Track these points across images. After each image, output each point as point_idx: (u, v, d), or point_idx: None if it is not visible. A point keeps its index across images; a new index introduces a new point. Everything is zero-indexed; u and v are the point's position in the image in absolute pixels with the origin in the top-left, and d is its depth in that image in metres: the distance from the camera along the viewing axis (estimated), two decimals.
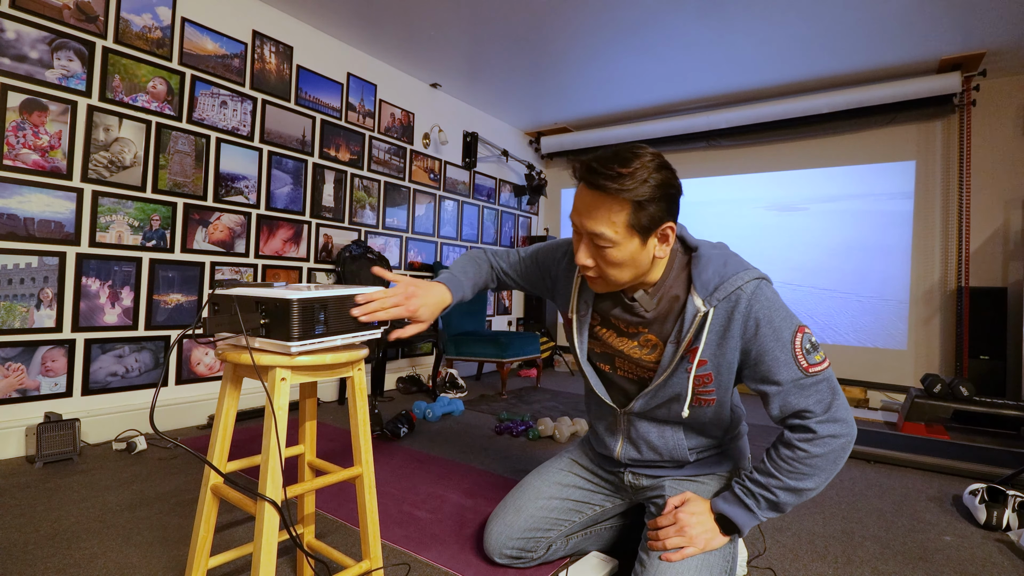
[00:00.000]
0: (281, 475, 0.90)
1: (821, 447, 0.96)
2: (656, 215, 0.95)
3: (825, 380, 0.97)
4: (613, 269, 0.99)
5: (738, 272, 1.00)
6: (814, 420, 0.96)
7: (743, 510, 1.03)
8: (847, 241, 3.87)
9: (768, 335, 0.97)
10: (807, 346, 0.97)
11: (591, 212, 0.96)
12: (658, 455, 1.18)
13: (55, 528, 1.43)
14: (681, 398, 1.06)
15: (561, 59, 3.46)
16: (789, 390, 0.97)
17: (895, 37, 3.04)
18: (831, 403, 0.97)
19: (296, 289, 0.94)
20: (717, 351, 1.01)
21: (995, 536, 1.58)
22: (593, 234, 0.96)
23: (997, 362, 3.21)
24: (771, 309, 0.97)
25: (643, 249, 0.98)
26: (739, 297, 0.98)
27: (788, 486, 0.98)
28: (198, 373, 2.59)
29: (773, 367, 0.97)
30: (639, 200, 0.92)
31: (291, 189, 3.01)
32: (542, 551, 1.28)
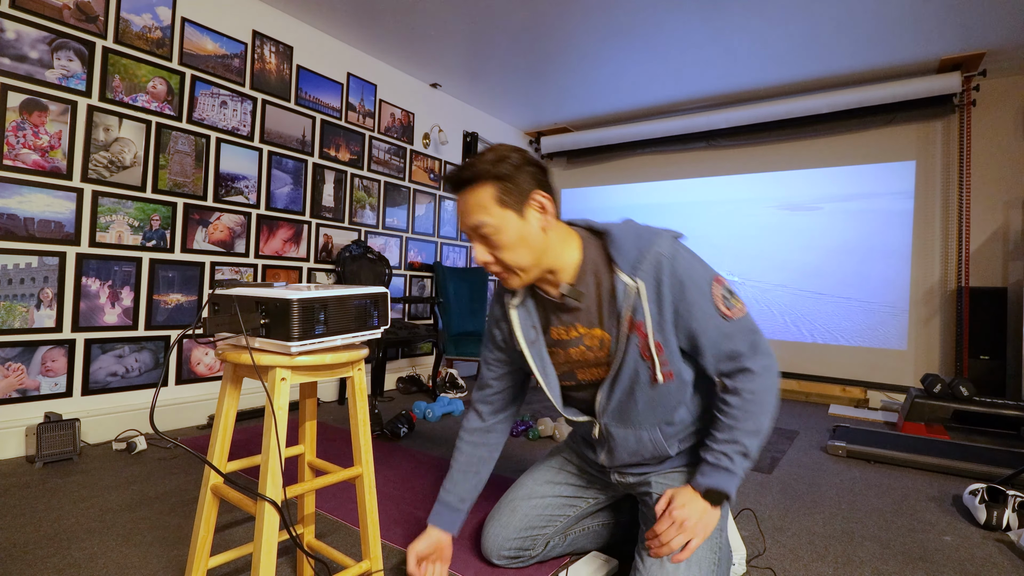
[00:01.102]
0: (281, 475, 0.90)
1: (760, 382, 1.02)
2: (523, 186, 1.00)
3: (745, 323, 1.03)
4: (509, 254, 1.02)
5: (654, 240, 1.02)
6: (747, 360, 1.02)
7: (723, 474, 1.04)
8: (847, 241, 3.87)
9: (692, 291, 1.00)
10: (725, 294, 1.02)
11: (466, 210, 1.02)
12: (639, 457, 1.17)
13: (55, 528, 1.43)
14: (642, 377, 1.06)
15: (561, 59, 3.46)
16: (718, 338, 1.02)
17: (895, 37, 3.04)
18: (755, 341, 1.03)
19: (296, 289, 0.94)
20: (659, 319, 1.02)
21: (995, 536, 1.58)
22: (475, 227, 1.01)
23: (997, 362, 3.21)
24: (691, 267, 1.01)
25: (525, 223, 1.01)
26: (661, 263, 1.00)
27: (748, 429, 1.02)
28: (198, 373, 2.59)
29: (701, 321, 1.01)
30: (499, 175, 0.99)
31: (291, 189, 3.01)
32: (540, 548, 1.28)
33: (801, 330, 4.01)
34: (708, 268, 1.04)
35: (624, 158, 4.95)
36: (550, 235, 1.05)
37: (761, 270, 4.19)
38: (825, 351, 3.91)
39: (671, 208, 4.69)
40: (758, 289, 4.20)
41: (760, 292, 4.19)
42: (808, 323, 3.98)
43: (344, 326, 0.98)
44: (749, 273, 4.25)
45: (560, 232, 1.07)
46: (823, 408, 3.49)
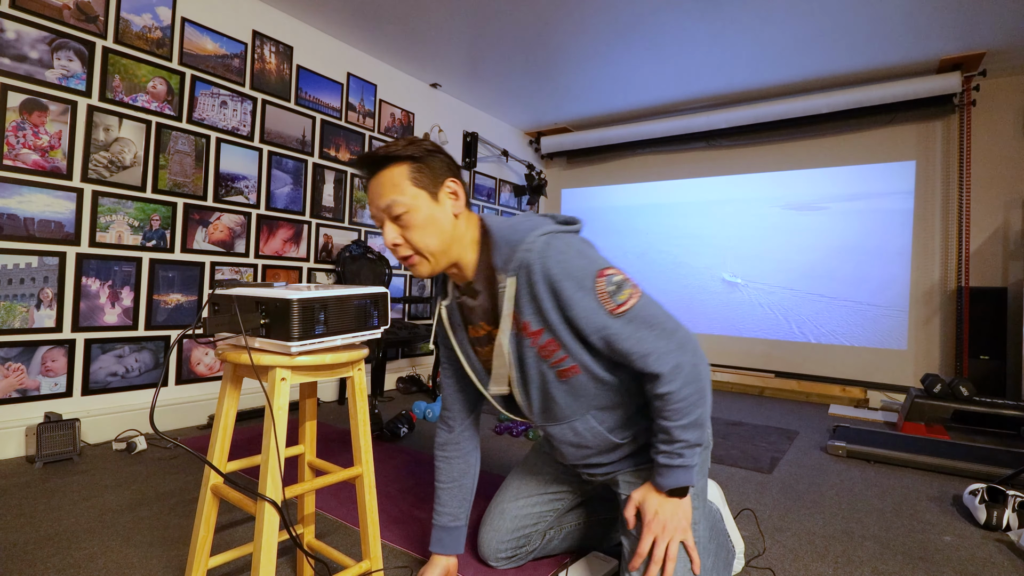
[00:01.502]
0: (281, 475, 0.90)
1: (675, 381, 0.95)
2: (437, 170, 1.01)
3: (636, 317, 0.95)
4: (419, 235, 1.00)
5: (525, 237, 0.98)
6: (651, 362, 0.95)
7: (679, 471, 1.00)
8: (847, 241, 3.87)
9: (570, 287, 0.94)
10: (610, 288, 0.95)
11: (379, 191, 1.00)
12: (585, 449, 1.14)
13: (55, 528, 1.43)
14: (548, 375, 1.03)
15: (561, 59, 3.46)
16: (607, 337, 0.96)
17: (895, 37, 3.04)
18: (652, 338, 0.95)
19: (296, 289, 0.94)
20: (541, 317, 0.99)
21: (995, 536, 1.58)
22: (388, 207, 0.99)
23: (997, 362, 3.21)
24: (565, 261, 0.95)
25: (437, 205, 1.01)
26: (530, 260, 0.96)
27: (685, 425, 0.97)
28: (198, 373, 2.59)
29: (583, 318, 0.95)
30: (412, 156, 0.99)
31: (291, 189, 3.01)
32: (536, 542, 1.29)
33: (801, 330, 4.01)
34: (593, 261, 0.97)
35: (624, 158, 4.95)
36: (460, 224, 1.04)
37: (761, 270, 4.19)
38: (825, 351, 3.91)
39: (671, 208, 4.69)
40: (758, 289, 4.20)
41: (760, 292, 4.19)
42: (808, 323, 3.98)
43: (344, 326, 0.98)
44: (749, 273, 4.25)
45: (469, 225, 1.06)
46: (823, 408, 3.49)
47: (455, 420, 1.26)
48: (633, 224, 4.89)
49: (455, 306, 1.15)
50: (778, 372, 4.07)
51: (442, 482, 1.25)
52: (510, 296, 1.00)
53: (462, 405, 1.25)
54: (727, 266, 4.36)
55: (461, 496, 1.24)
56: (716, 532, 1.18)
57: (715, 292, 4.40)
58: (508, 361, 1.06)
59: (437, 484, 1.25)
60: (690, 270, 4.54)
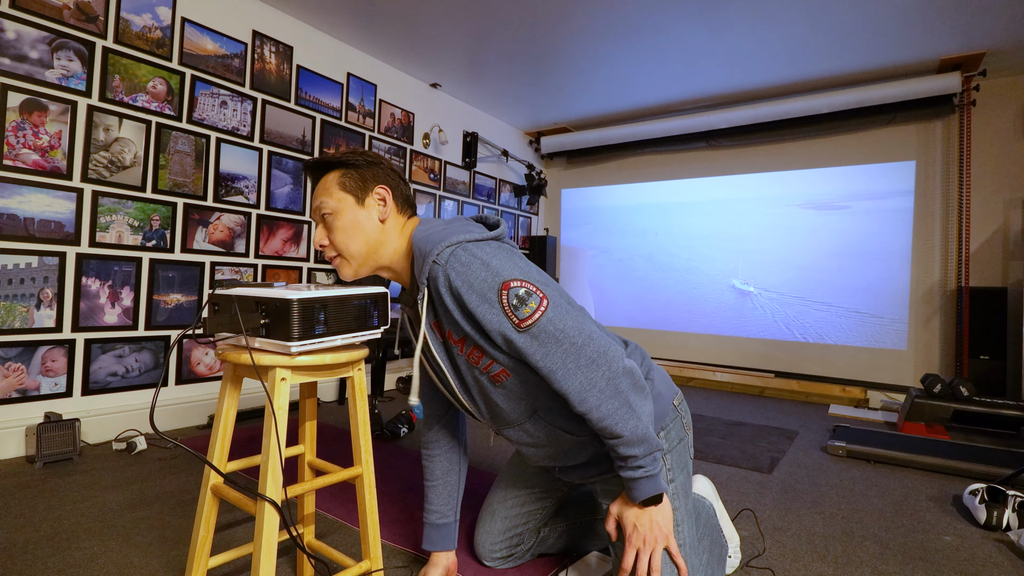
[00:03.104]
0: (281, 475, 0.90)
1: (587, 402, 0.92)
2: (366, 176, 1.05)
3: (542, 332, 0.91)
4: (341, 237, 1.03)
5: (434, 246, 0.97)
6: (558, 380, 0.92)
7: (644, 481, 0.96)
8: (847, 241, 3.87)
9: (474, 300, 0.93)
10: (514, 301, 0.92)
11: (316, 194, 1.06)
12: (548, 447, 1.11)
13: (55, 528, 1.43)
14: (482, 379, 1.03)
15: (561, 59, 3.46)
16: (517, 350, 0.94)
17: (895, 37, 3.04)
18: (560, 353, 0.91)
19: (296, 289, 0.94)
20: (457, 327, 0.99)
21: (995, 536, 1.58)
22: (316, 209, 1.05)
23: (997, 362, 3.21)
24: (467, 273, 0.93)
25: (362, 209, 1.04)
26: (436, 274, 0.96)
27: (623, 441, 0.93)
28: (198, 373, 2.59)
29: (491, 329, 0.94)
30: (344, 163, 1.04)
31: (291, 189, 3.01)
32: (530, 541, 1.30)
33: (801, 330, 4.01)
34: (497, 273, 0.93)
35: (624, 158, 4.95)
36: (388, 229, 1.06)
37: (760, 269, 4.19)
38: (825, 351, 3.91)
39: (671, 208, 4.69)
40: (756, 288, 4.20)
41: (759, 291, 4.19)
42: (808, 323, 3.98)
43: (344, 326, 0.98)
44: (748, 272, 4.25)
45: (401, 233, 1.07)
46: (823, 408, 3.49)
47: (432, 419, 1.27)
48: (633, 224, 4.88)
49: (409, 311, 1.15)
50: (778, 372, 4.07)
51: (428, 480, 1.26)
52: (424, 307, 1.00)
53: (436, 405, 1.26)
54: (726, 265, 4.36)
55: (447, 493, 1.25)
56: (708, 528, 1.18)
57: (714, 291, 4.40)
58: (445, 368, 1.06)
59: (425, 483, 1.27)
60: (690, 269, 4.54)
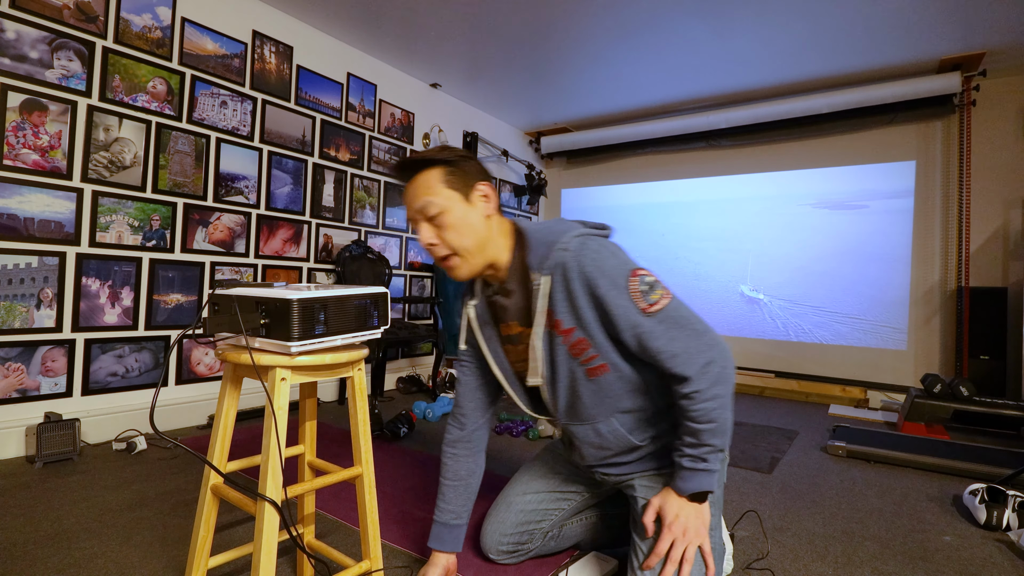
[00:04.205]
0: (281, 475, 0.90)
1: (704, 381, 0.96)
2: (469, 173, 1.06)
3: (667, 317, 0.97)
4: (454, 235, 1.04)
5: (560, 237, 1.02)
6: (680, 363, 0.97)
7: (702, 475, 1.00)
8: (846, 241, 3.87)
9: (605, 285, 0.98)
10: (643, 288, 0.98)
11: (415, 194, 1.05)
12: (606, 450, 1.15)
13: (55, 528, 1.43)
14: (577, 372, 1.06)
15: (561, 59, 3.46)
16: (639, 335, 0.98)
17: (895, 37, 3.04)
18: (683, 338, 0.97)
19: (296, 289, 0.94)
20: (575, 315, 1.02)
21: (995, 536, 1.58)
22: (422, 208, 1.04)
23: (997, 362, 3.21)
24: (599, 260, 0.99)
25: (470, 207, 1.05)
26: (566, 259, 1.00)
27: (710, 429, 0.98)
28: (198, 373, 2.59)
29: (617, 314, 0.98)
30: (445, 160, 1.04)
31: (291, 189, 3.01)
32: (537, 541, 1.29)
33: (801, 330, 4.01)
34: (626, 262, 1.01)
35: (624, 158, 4.95)
36: (492, 226, 1.08)
37: (759, 269, 4.19)
38: (825, 351, 3.91)
39: (671, 208, 4.69)
40: (756, 288, 4.20)
41: (759, 291, 4.19)
42: (807, 323, 3.98)
43: (344, 326, 0.98)
44: (747, 272, 4.25)
45: (501, 227, 1.11)
46: (823, 408, 3.49)
47: (468, 418, 1.26)
48: (633, 223, 4.89)
49: (484, 305, 1.17)
50: (778, 372, 4.07)
51: (448, 479, 1.25)
52: (544, 294, 1.03)
53: (477, 404, 1.26)
54: (726, 264, 4.36)
55: (466, 495, 1.25)
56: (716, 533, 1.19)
57: (713, 291, 4.41)
58: (539, 357, 1.07)
59: (442, 480, 1.25)
60: (689, 269, 4.54)
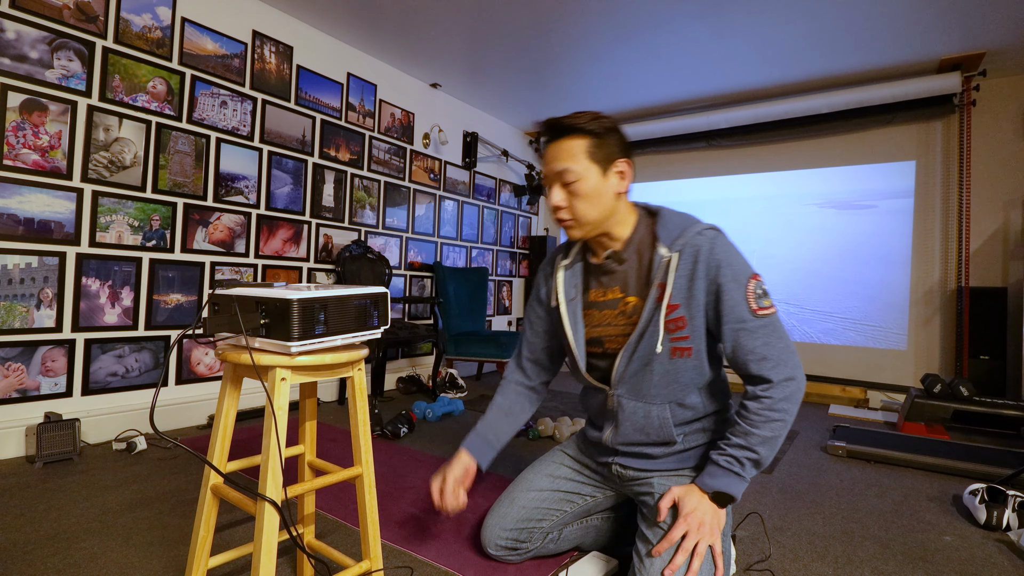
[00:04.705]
0: (281, 475, 0.90)
1: (782, 391, 1.03)
2: (611, 148, 1.10)
3: (771, 324, 1.05)
4: (582, 203, 1.10)
5: (697, 224, 1.11)
6: (767, 365, 1.03)
7: (733, 478, 1.05)
8: (846, 241, 3.87)
9: (727, 275, 1.05)
10: (758, 292, 1.06)
11: (557, 156, 1.10)
12: (645, 435, 1.18)
13: (55, 528, 1.43)
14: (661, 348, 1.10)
15: (561, 59, 3.46)
16: (739, 330, 1.04)
17: (895, 37, 3.04)
18: (779, 348, 1.04)
19: (296, 289, 0.94)
20: (688, 294, 1.07)
21: (995, 536, 1.58)
22: (561, 172, 1.09)
23: (997, 362, 3.21)
24: (730, 254, 1.07)
25: (604, 181, 1.10)
26: (701, 243, 1.07)
27: (764, 437, 1.03)
28: (198, 373, 2.59)
29: (728, 305, 1.04)
30: (593, 132, 1.08)
31: (291, 189, 3.01)
32: (537, 541, 1.29)
33: (801, 330, 4.01)
34: (748, 264, 1.09)
35: None
36: (620, 202, 1.14)
37: (759, 269, 4.19)
38: (825, 351, 3.91)
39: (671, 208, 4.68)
40: None
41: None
42: (807, 323, 3.98)
43: (344, 326, 0.98)
44: None
45: (627, 203, 1.17)
46: (823, 408, 3.49)
47: (532, 370, 1.38)
48: None
49: (579, 269, 1.24)
50: None
51: (497, 405, 1.36)
52: (672, 267, 1.08)
53: (545, 359, 1.37)
54: None
55: (508, 425, 1.35)
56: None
57: None
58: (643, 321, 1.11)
59: (492, 404, 1.37)
60: None
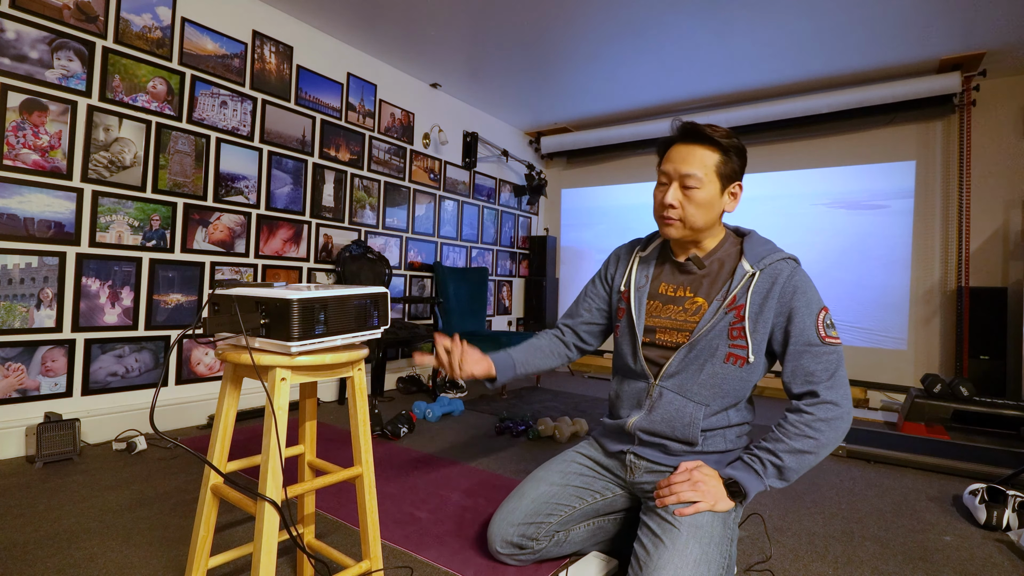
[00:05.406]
0: (281, 475, 0.90)
1: (824, 412, 1.08)
2: (735, 168, 1.18)
3: (835, 353, 1.11)
4: (694, 208, 1.16)
5: (782, 252, 1.20)
6: (821, 385, 1.09)
7: (752, 475, 1.11)
8: (846, 241, 3.87)
9: (801, 300, 1.12)
10: (827, 322, 1.13)
11: (686, 158, 1.16)
12: (670, 429, 1.21)
13: (55, 528, 1.43)
14: (719, 350, 1.16)
15: (561, 59, 3.46)
16: (804, 351, 1.11)
17: (895, 37, 3.04)
18: (835, 373, 1.10)
19: (296, 289, 0.94)
20: (758, 310, 1.15)
21: (995, 536, 1.58)
22: (686, 176, 1.15)
23: (997, 362, 3.21)
24: (807, 284, 1.15)
25: (719, 197, 1.18)
26: (782, 269, 1.15)
27: (793, 448, 1.08)
28: (198, 373, 2.59)
29: (798, 327, 1.11)
30: (726, 148, 1.15)
31: (291, 189, 3.01)
32: (544, 541, 1.27)
33: None
34: (820, 297, 1.16)
35: (624, 158, 4.95)
36: (721, 217, 1.23)
37: None
38: None
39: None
40: None
41: None
42: None
43: (344, 326, 0.98)
44: None
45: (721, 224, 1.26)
46: None
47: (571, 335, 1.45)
48: (632, 223, 4.88)
49: (654, 262, 1.32)
50: (778, 372, 4.07)
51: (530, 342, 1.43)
52: (744, 281, 1.16)
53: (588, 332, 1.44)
54: None
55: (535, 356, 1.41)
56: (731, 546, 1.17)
57: None
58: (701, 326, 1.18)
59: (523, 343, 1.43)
60: None
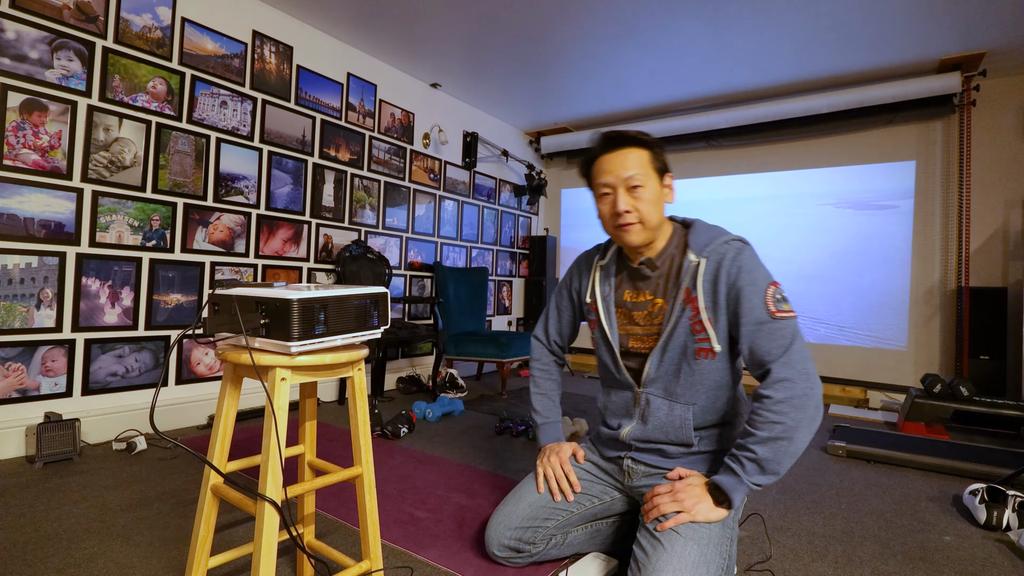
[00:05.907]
0: (281, 475, 0.90)
1: (782, 391, 1.04)
2: (664, 160, 1.24)
3: (789, 327, 1.09)
4: (647, 207, 1.19)
5: (726, 234, 1.20)
6: (776, 363, 1.07)
7: (730, 476, 1.09)
8: (846, 241, 3.87)
9: (747, 279, 1.12)
10: (777, 297, 1.12)
11: (623, 163, 1.20)
12: (664, 434, 1.23)
13: (55, 528, 1.43)
14: (688, 348, 1.18)
15: (561, 59, 3.46)
16: (756, 331, 1.10)
17: (895, 37, 3.04)
18: (789, 347, 1.07)
19: (296, 289, 0.94)
20: (712, 298, 1.15)
21: (995, 536, 1.58)
22: (630, 179, 1.18)
23: (997, 362, 3.21)
24: (752, 262, 1.14)
25: (660, 190, 1.22)
26: (726, 251, 1.16)
27: (762, 438, 1.05)
28: (198, 373, 2.59)
29: (746, 307, 1.11)
30: (650, 144, 1.22)
31: (291, 189, 3.01)
32: (541, 544, 1.27)
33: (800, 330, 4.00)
34: (769, 273, 1.15)
35: None
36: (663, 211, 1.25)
37: None
38: (825, 351, 3.91)
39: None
40: None
41: None
42: (807, 323, 3.98)
43: (344, 326, 0.98)
44: None
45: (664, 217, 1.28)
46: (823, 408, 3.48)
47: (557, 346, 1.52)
48: None
49: (613, 270, 1.34)
50: None
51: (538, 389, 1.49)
52: (700, 273, 1.17)
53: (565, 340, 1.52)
54: None
55: (552, 403, 1.48)
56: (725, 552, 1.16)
57: None
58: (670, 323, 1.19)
59: (533, 391, 1.49)
60: None
